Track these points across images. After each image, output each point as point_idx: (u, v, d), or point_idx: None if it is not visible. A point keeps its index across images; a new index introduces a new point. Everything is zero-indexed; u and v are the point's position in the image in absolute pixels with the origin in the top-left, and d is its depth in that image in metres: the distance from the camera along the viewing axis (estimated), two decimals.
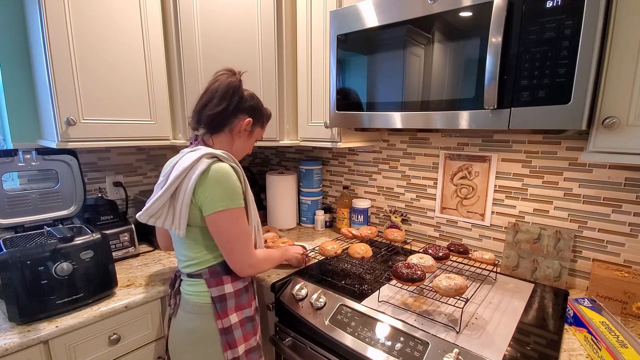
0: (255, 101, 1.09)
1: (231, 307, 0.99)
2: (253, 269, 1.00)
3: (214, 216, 0.92)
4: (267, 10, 1.48)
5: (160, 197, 0.93)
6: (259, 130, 1.13)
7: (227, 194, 0.92)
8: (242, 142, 1.09)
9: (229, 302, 0.99)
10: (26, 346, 0.93)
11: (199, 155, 0.92)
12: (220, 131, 1.04)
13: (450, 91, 1.02)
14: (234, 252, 0.96)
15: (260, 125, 1.13)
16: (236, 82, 1.03)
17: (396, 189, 1.69)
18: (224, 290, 0.99)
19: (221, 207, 0.91)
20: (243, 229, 0.96)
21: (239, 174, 0.98)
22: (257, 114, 1.10)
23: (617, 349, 0.79)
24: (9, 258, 0.95)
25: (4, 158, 1.19)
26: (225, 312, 0.98)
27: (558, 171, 1.23)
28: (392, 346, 0.94)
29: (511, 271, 1.32)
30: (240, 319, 1.01)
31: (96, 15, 1.22)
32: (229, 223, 0.93)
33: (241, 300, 1.02)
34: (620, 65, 0.82)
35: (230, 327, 0.98)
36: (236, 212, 0.94)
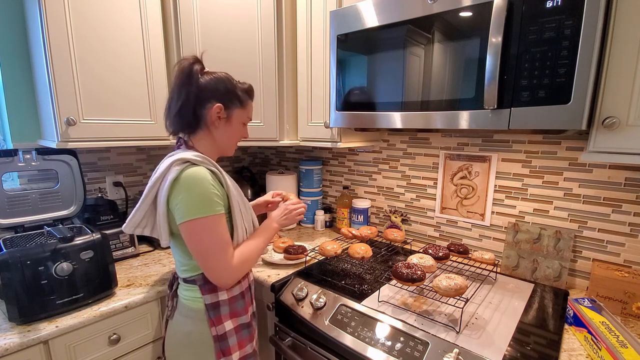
0: (221, 81, 0.95)
1: (225, 314, 0.95)
2: (232, 279, 0.93)
3: (184, 226, 0.86)
4: (267, 10, 1.48)
5: (140, 208, 0.93)
6: (239, 112, 0.99)
7: (198, 201, 0.85)
8: (223, 132, 0.98)
9: (223, 309, 0.95)
10: (26, 346, 0.93)
11: (170, 161, 0.88)
12: (197, 128, 0.96)
13: (450, 91, 1.02)
14: (208, 264, 0.89)
15: (237, 105, 0.98)
16: (186, 66, 0.92)
17: (396, 189, 1.69)
18: (217, 298, 0.95)
19: (191, 216, 0.85)
20: (217, 239, 0.88)
21: (218, 177, 0.91)
22: (228, 95, 0.96)
23: (617, 349, 0.79)
24: (9, 258, 0.95)
25: (4, 158, 1.19)
26: (219, 319, 0.94)
27: (558, 171, 1.23)
28: (392, 346, 0.94)
29: (511, 271, 1.32)
30: (236, 325, 0.97)
31: (96, 15, 1.22)
32: (200, 233, 0.86)
33: (236, 307, 0.98)
34: (620, 65, 0.82)
35: (225, 334, 0.95)
36: (208, 221, 0.86)
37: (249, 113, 1.03)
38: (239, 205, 0.96)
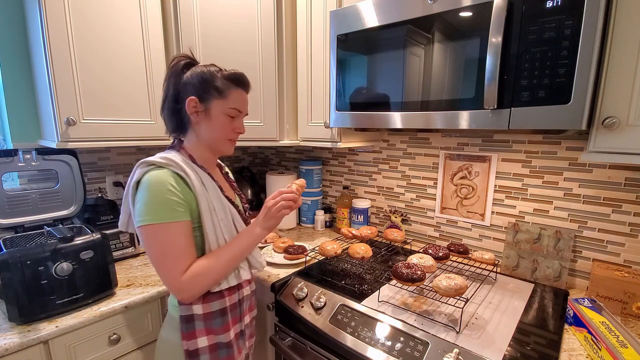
0: (198, 73, 0.88)
1: (200, 329, 0.88)
2: (181, 295, 0.84)
3: (138, 231, 0.83)
4: (267, 10, 1.48)
5: (123, 209, 0.91)
6: (218, 103, 0.88)
7: (151, 207, 0.80)
8: (205, 127, 0.90)
9: (197, 324, 0.88)
10: (26, 346, 0.93)
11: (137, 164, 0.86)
12: (185, 127, 0.92)
13: (450, 91, 1.02)
14: (158, 273, 0.84)
15: (215, 95, 0.88)
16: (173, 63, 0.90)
17: (396, 189, 1.69)
18: (191, 311, 0.87)
19: (144, 221, 0.80)
20: (167, 248, 0.81)
21: (186, 180, 0.85)
22: (203, 86, 0.87)
23: (617, 349, 0.79)
24: (9, 258, 0.95)
25: (4, 158, 1.19)
26: (192, 334, 0.87)
27: (558, 171, 1.23)
28: (392, 346, 0.94)
29: (511, 271, 1.32)
30: (211, 343, 0.89)
31: (96, 15, 1.22)
32: (151, 240, 0.81)
33: (212, 324, 0.89)
34: (620, 65, 0.82)
35: (197, 350, 0.87)
36: (160, 228, 0.80)
37: (234, 103, 0.90)
38: (211, 211, 0.87)
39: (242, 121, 0.96)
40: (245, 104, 0.95)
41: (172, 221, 0.81)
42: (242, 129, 0.96)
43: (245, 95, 0.94)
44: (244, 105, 0.94)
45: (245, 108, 0.95)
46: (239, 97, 0.92)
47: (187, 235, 0.84)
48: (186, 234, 0.84)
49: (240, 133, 0.96)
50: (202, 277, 0.84)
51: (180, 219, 0.82)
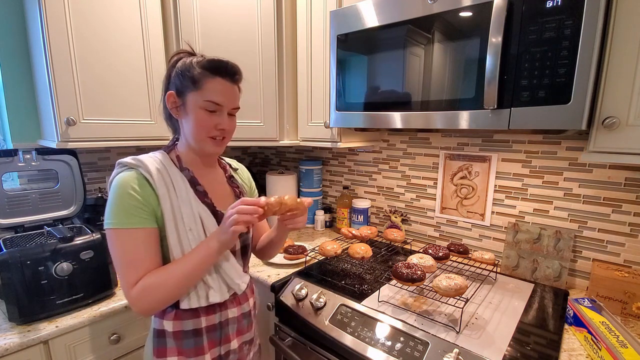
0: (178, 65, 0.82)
1: (171, 347, 0.81)
2: (135, 309, 0.75)
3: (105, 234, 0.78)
4: (267, 10, 1.48)
5: None
6: (193, 96, 0.79)
7: (113, 210, 0.75)
8: (186, 123, 0.82)
9: (168, 341, 0.81)
10: (26, 346, 0.93)
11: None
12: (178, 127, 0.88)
13: (450, 91, 1.02)
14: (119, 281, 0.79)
15: (190, 88, 0.79)
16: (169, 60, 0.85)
17: (396, 189, 1.69)
18: (162, 326, 0.81)
19: (105, 224, 0.75)
20: (121, 256, 0.75)
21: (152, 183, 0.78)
22: (179, 78, 0.81)
23: (617, 349, 0.79)
24: (9, 258, 0.95)
25: (4, 158, 1.18)
26: (162, 351, 0.81)
27: (558, 171, 1.23)
28: (392, 346, 0.94)
29: (511, 271, 1.32)
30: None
31: (96, 15, 1.22)
32: (110, 245, 0.76)
33: (184, 344, 0.81)
34: (620, 65, 0.82)
35: None
36: (116, 234, 0.74)
37: (209, 94, 0.79)
38: (176, 219, 0.79)
39: (225, 116, 0.82)
40: (226, 95, 0.81)
41: (131, 227, 0.74)
42: (225, 124, 0.82)
43: (227, 85, 0.81)
44: (223, 97, 0.80)
45: (226, 100, 0.81)
46: (216, 88, 0.79)
47: (147, 243, 0.76)
48: (147, 242, 0.76)
49: (223, 130, 0.83)
50: (152, 292, 0.74)
51: (141, 226, 0.75)
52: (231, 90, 0.82)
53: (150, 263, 0.76)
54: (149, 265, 0.76)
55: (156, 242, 0.78)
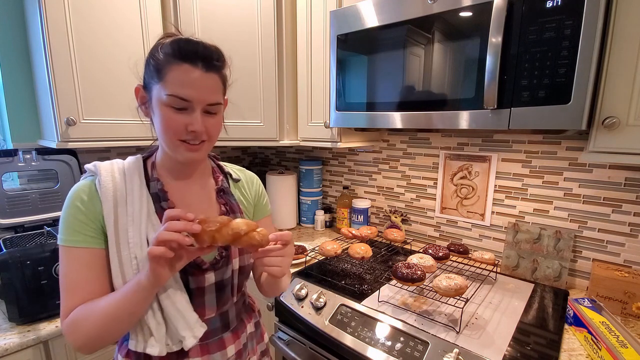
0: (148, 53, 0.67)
1: None
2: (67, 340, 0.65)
3: None
4: (267, 9, 1.48)
5: None
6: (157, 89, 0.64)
7: (61, 224, 0.65)
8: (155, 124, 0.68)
9: None
10: (26, 346, 0.93)
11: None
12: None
13: (450, 91, 1.02)
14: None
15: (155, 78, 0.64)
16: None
17: (396, 189, 1.69)
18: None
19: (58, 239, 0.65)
20: (61, 277, 0.64)
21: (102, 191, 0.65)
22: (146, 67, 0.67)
23: (617, 349, 0.79)
24: (9, 258, 0.95)
25: (4, 158, 1.19)
26: None
27: (558, 171, 1.23)
28: (392, 346, 0.94)
29: (511, 271, 1.32)
30: None
31: (96, 16, 1.22)
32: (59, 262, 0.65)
33: None
34: (620, 65, 0.82)
35: None
36: (63, 251, 0.64)
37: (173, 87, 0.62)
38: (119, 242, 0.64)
39: (198, 115, 0.64)
40: (195, 87, 0.62)
41: (73, 246, 0.63)
42: (197, 125, 0.64)
43: (197, 74, 0.62)
44: (191, 89, 0.62)
45: (195, 93, 0.62)
46: (180, 78, 0.62)
47: (90, 267, 0.64)
48: (90, 265, 0.64)
49: (194, 132, 0.64)
50: (79, 326, 0.61)
51: (84, 245, 0.63)
52: (203, 81, 0.63)
53: (91, 290, 0.63)
54: (88, 292, 0.63)
55: (102, 266, 0.64)
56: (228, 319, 0.77)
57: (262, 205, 0.88)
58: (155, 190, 0.70)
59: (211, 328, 0.73)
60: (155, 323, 0.66)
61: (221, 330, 0.75)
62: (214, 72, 0.65)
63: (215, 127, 0.69)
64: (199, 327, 0.69)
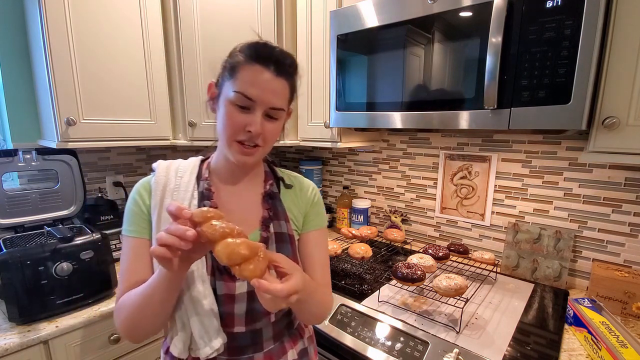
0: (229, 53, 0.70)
1: None
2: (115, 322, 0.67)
3: None
4: (267, 9, 1.48)
5: None
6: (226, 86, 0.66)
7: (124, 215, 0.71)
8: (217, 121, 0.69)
9: None
10: (26, 346, 0.93)
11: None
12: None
13: (450, 91, 1.02)
14: None
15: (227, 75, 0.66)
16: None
17: (396, 189, 1.69)
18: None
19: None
20: (120, 265, 0.69)
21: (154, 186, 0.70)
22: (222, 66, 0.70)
23: (617, 349, 0.79)
24: (9, 258, 0.95)
25: (4, 158, 1.18)
26: None
27: (558, 171, 1.23)
28: (392, 346, 0.94)
29: (511, 271, 1.32)
30: None
31: (96, 16, 1.22)
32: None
33: None
34: (620, 66, 0.82)
35: None
36: (122, 240, 0.70)
37: (240, 84, 0.63)
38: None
39: (259, 116, 0.64)
40: (261, 88, 0.63)
41: (129, 235, 0.69)
42: (255, 126, 0.64)
43: (266, 75, 0.63)
44: (257, 90, 0.63)
45: (261, 94, 0.63)
46: (250, 77, 0.63)
47: (139, 255, 0.68)
48: (139, 254, 0.68)
49: (251, 133, 0.64)
50: (119, 312, 0.65)
51: (136, 235, 0.68)
52: (271, 83, 0.63)
53: (138, 279, 0.66)
54: (135, 280, 0.66)
55: (150, 256, 0.68)
56: (261, 338, 0.70)
57: (312, 216, 0.79)
58: (202, 189, 0.72)
59: (240, 344, 0.69)
60: (181, 324, 0.66)
61: (252, 349, 0.70)
62: (283, 78, 0.65)
63: (273, 133, 0.68)
64: (218, 337, 0.66)
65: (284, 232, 0.73)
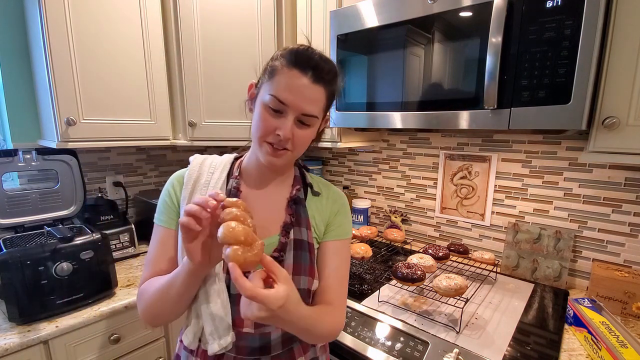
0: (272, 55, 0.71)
1: None
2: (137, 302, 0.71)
3: None
4: (267, 9, 1.48)
5: None
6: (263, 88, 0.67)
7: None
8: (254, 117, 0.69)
9: None
10: (26, 346, 0.93)
11: None
12: None
13: (450, 91, 1.02)
14: None
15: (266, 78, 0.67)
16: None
17: (396, 189, 1.69)
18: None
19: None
20: (148, 251, 0.73)
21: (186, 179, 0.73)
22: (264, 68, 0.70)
23: (617, 349, 0.79)
24: (9, 258, 0.95)
25: (4, 158, 1.18)
26: None
27: (558, 171, 1.23)
28: (392, 346, 0.94)
29: (511, 271, 1.32)
30: None
31: (96, 16, 1.22)
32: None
33: None
34: (620, 65, 0.82)
35: None
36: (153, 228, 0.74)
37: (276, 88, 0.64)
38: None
39: (290, 121, 0.64)
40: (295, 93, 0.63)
41: (159, 224, 0.72)
42: (285, 130, 0.64)
43: (302, 81, 0.63)
44: (291, 95, 0.63)
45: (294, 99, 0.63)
46: (287, 81, 0.63)
47: (166, 245, 0.71)
48: (164, 243, 0.71)
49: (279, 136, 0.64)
50: (141, 297, 0.70)
51: (165, 225, 0.72)
52: (307, 90, 0.63)
53: (163, 267, 0.70)
54: (160, 268, 0.70)
55: (174, 246, 0.71)
56: (269, 342, 0.69)
57: (334, 226, 0.77)
58: (231, 187, 0.73)
59: (248, 344, 0.68)
60: (195, 315, 0.69)
61: (259, 352, 0.69)
62: (320, 85, 0.65)
63: (303, 139, 0.68)
64: (227, 336, 0.67)
65: (304, 239, 0.72)
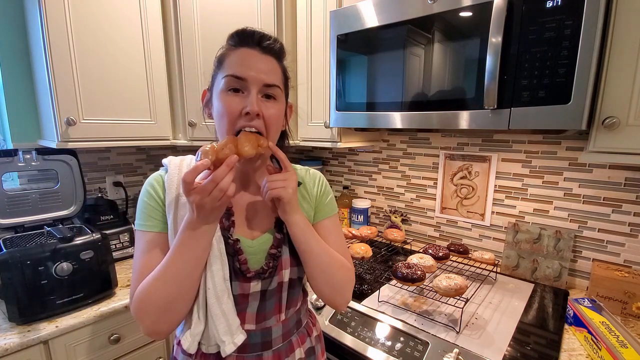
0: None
1: None
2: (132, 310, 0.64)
3: None
4: (267, 9, 1.48)
5: None
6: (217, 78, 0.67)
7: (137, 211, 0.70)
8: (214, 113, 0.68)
9: None
10: (26, 346, 0.93)
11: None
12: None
13: (450, 91, 1.02)
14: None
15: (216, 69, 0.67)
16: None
17: (396, 189, 1.69)
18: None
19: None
20: (134, 260, 0.67)
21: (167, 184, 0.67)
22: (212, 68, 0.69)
23: (617, 349, 0.79)
24: (9, 258, 0.95)
25: (4, 158, 1.18)
26: None
27: (558, 171, 1.23)
28: (392, 346, 0.94)
29: (511, 271, 1.32)
30: None
31: (96, 16, 1.22)
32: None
33: None
34: (620, 65, 0.82)
35: None
36: (136, 235, 0.69)
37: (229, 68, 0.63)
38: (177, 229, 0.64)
39: (254, 96, 0.62)
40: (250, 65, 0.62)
41: (142, 230, 0.67)
42: (252, 105, 0.62)
43: (253, 54, 0.64)
44: (246, 67, 0.62)
45: (251, 71, 0.62)
46: (237, 59, 0.63)
47: (152, 249, 0.66)
48: (151, 248, 0.66)
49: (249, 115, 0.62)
50: (144, 303, 0.61)
51: (153, 230, 0.66)
52: (260, 61, 0.63)
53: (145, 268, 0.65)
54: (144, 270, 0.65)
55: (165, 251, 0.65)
56: (270, 337, 0.71)
57: (323, 205, 0.78)
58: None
59: (250, 342, 0.69)
60: (196, 318, 0.66)
61: (261, 348, 0.70)
62: (271, 56, 0.66)
63: (274, 115, 0.66)
64: (240, 334, 0.67)
65: None
